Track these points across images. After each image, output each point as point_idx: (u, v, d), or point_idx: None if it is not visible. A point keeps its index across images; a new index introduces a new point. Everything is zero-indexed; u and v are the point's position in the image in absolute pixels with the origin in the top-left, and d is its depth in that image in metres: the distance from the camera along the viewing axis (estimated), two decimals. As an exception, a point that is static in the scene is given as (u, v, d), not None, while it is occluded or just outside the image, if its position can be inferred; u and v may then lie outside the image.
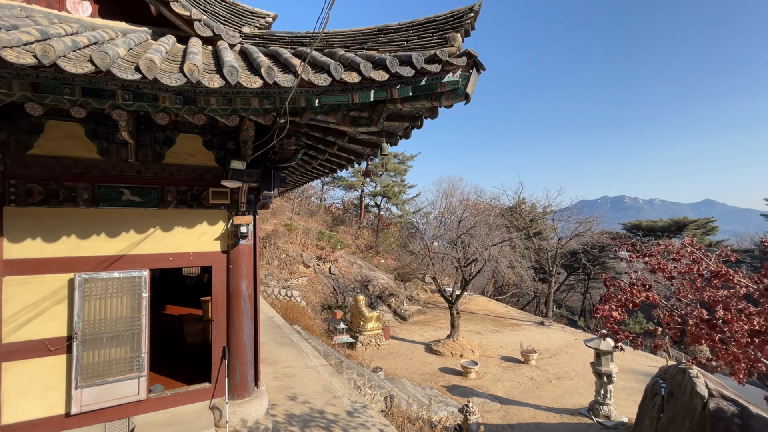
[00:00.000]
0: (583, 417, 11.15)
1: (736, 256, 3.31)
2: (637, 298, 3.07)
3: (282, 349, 9.15)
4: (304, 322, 15.43)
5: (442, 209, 23.54)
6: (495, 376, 14.33)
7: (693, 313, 2.89)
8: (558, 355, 16.77)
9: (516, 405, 12.00)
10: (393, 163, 38.61)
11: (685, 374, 6.78)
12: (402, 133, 4.66)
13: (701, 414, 6.14)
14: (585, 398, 12.18)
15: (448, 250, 18.91)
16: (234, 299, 5.43)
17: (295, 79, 3.04)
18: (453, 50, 3.42)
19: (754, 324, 2.51)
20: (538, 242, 26.59)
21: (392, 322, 21.70)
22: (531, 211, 30.04)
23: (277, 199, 29.67)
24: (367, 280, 24.96)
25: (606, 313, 3.12)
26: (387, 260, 33.34)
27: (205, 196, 5.34)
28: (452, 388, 13.18)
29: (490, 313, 24.84)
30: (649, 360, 16.22)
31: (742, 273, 2.88)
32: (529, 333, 20.34)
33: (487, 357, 16.45)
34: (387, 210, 40.78)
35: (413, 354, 16.64)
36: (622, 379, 13.17)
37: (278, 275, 21.87)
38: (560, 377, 14.33)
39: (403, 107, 3.86)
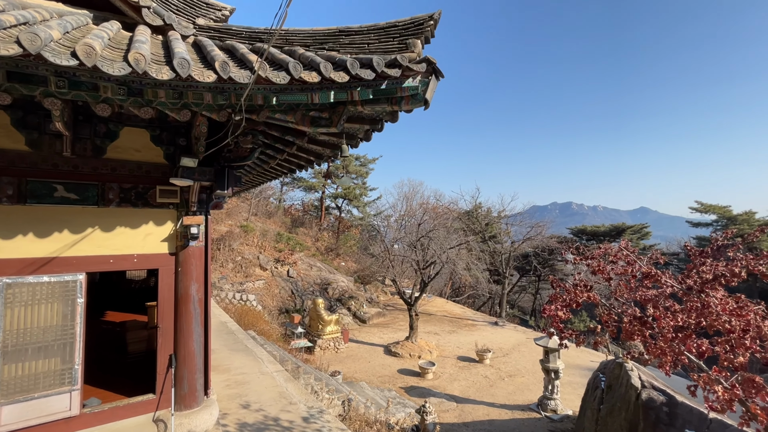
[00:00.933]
0: (533, 412, 11.71)
1: (664, 258, 3.66)
2: (580, 298, 3.29)
3: (235, 356, 8.77)
4: (259, 327, 14.92)
5: (403, 212, 23.84)
6: (451, 376, 14.68)
7: (628, 311, 3.15)
8: (510, 354, 17.51)
9: (471, 403, 12.36)
10: (354, 166, 38.53)
11: (622, 368, 7.34)
12: (363, 136, 4.66)
13: (635, 404, 6.67)
14: (535, 394, 12.80)
15: (408, 253, 19.17)
16: (183, 304, 5.13)
17: (251, 76, 2.94)
18: (413, 56, 3.47)
19: (678, 320, 2.78)
20: (493, 245, 27.68)
21: (352, 325, 21.58)
22: (487, 215, 31.23)
23: (233, 199, 28.53)
24: (326, 283, 24.65)
25: (552, 312, 3.31)
26: (347, 263, 33.13)
27: (152, 194, 5.01)
28: (410, 389, 13.33)
29: (448, 314, 25.45)
30: (592, 356, 17.37)
31: (668, 274, 3.19)
32: (484, 333, 21.07)
33: (445, 357, 16.83)
34: (348, 212, 40.60)
35: (372, 356, 16.64)
36: (568, 375, 13.98)
37: (233, 278, 21.00)
38: (512, 375, 14.96)
39: (363, 110, 3.87)
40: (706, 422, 5.78)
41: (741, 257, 3.04)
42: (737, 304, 2.69)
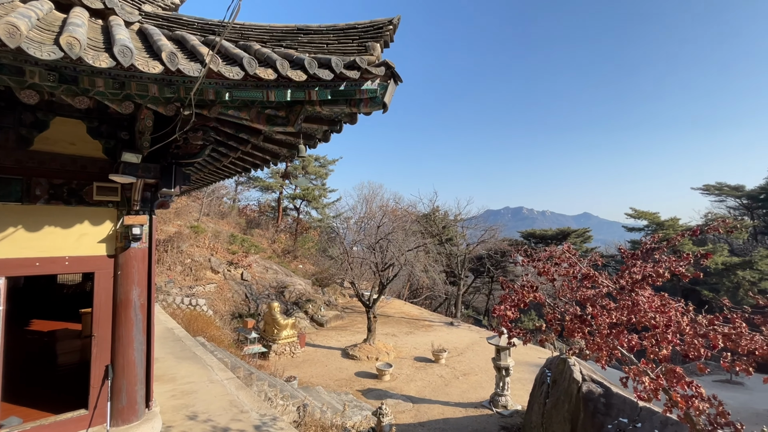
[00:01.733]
0: (485, 409, 12.13)
1: (602, 260, 3.95)
2: (527, 299, 3.47)
3: (182, 364, 8.27)
4: (210, 333, 14.20)
5: (363, 214, 23.82)
6: (408, 377, 14.85)
7: (570, 310, 3.37)
8: (465, 353, 18.05)
9: (427, 403, 12.57)
10: (314, 166, 37.97)
11: (565, 364, 7.83)
12: (321, 136, 4.60)
13: (576, 397, 7.13)
14: (487, 391, 13.28)
15: (367, 255, 19.18)
16: (122, 310, 4.76)
17: (202, 69, 2.79)
18: (372, 59, 3.49)
19: (612, 318, 3.02)
20: (449, 248, 28.44)
21: (309, 328, 21.17)
22: (444, 218, 32.05)
23: (182, 198, 27.00)
24: (283, 286, 24.01)
25: (502, 312, 3.46)
26: (305, 265, 32.51)
27: (88, 191, 4.60)
28: (367, 392, 13.30)
29: (406, 316, 25.75)
30: (540, 353, 18.34)
31: (605, 275, 3.46)
32: (440, 333, 21.55)
33: (402, 358, 16.99)
34: (307, 214, 39.88)
35: (329, 360, 16.42)
36: (518, 372, 14.65)
37: (181, 282, 19.84)
38: (466, 373, 15.42)
39: (322, 110, 3.82)
40: (637, 410, 6.31)
41: (665, 259, 3.37)
42: (661, 302, 2.98)
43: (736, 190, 50.65)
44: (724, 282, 29.97)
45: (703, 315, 2.92)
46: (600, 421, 6.64)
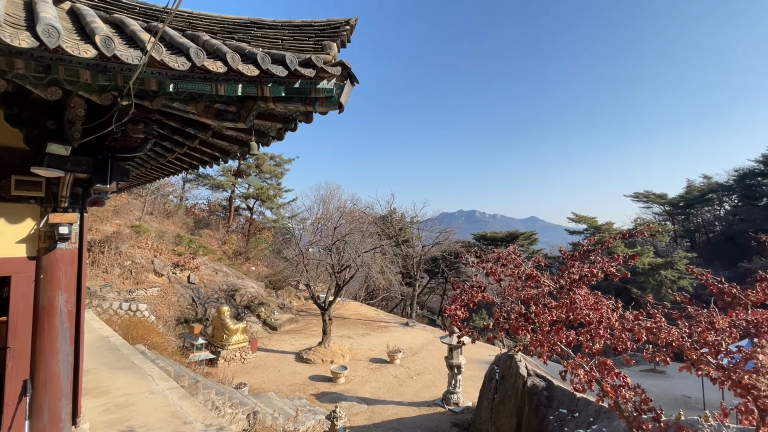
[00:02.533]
0: (438, 407, 12.41)
1: (545, 261, 4.22)
2: (476, 298, 3.62)
3: (118, 375, 7.63)
4: (151, 339, 13.24)
5: (319, 215, 23.46)
6: (363, 379, 14.82)
7: (515, 309, 3.56)
8: (419, 353, 18.36)
9: (381, 404, 12.61)
10: (269, 165, 36.83)
11: (512, 360, 8.22)
12: (275, 134, 4.46)
13: (522, 391, 7.51)
14: (440, 389, 13.60)
15: (323, 257, 18.91)
16: (45, 318, 4.28)
17: (143, 56, 2.60)
18: (329, 58, 3.45)
19: (553, 315, 3.23)
20: (405, 249, 28.85)
21: (261, 333, 20.45)
22: (401, 220, 32.47)
23: (123, 196, 25.01)
24: (234, 289, 23.01)
25: (452, 312, 3.57)
26: (258, 267, 31.42)
27: (5, 185, 4.11)
28: (321, 396, 13.10)
29: (362, 317, 25.72)
30: (490, 350, 19.11)
31: (546, 275, 3.70)
32: (395, 334, 21.76)
33: (357, 360, 16.94)
34: (260, 214, 38.55)
35: (282, 365, 15.97)
36: (469, 369, 15.14)
37: (120, 286, 18.35)
38: (420, 373, 15.69)
39: (275, 107, 3.71)
40: (575, 401, 6.77)
41: (599, 260, 3.68)
42: (595, 300, 3.24)
43: (660, 198, 56.44)
44: (649, 280, 33.14)
45: (630, 311, 3.22)
46: (543, 413, 7.04)
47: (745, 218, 46.04)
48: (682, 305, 3.42)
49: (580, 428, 6.27)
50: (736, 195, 51.43)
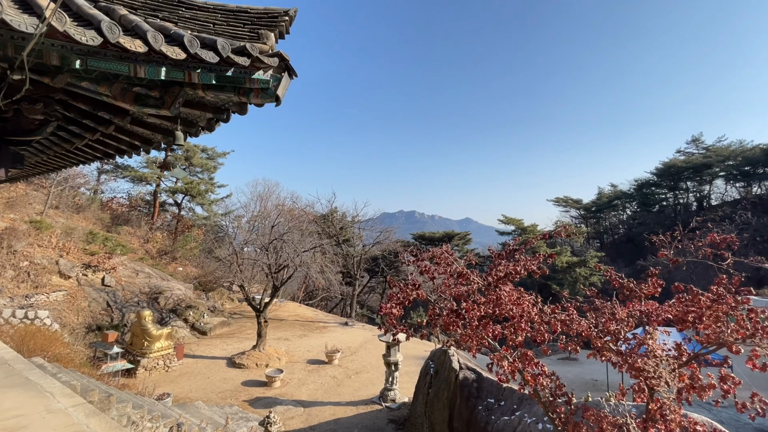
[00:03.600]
0: (376, 404, 12.52)
1: (476, 260, 4.50)
2: (411, 296, 3.71)
3: (7, 394, 6.55)
4: (53, 351, 11.62)
5: (256, 213, 22.44)
6: (300, 381, 14.47)
7: (447, 305, 3.71)
8: (358, 352, 18.39)
9: (318, 406, 12.41)
10: (200, 158, 34.37)
11: (446, 354, 8.57)
12: (204, 124, 4.16)
13: (454, 384, 7.86)
14: (378, 387, 13.73)
15: (260, 256, 18.12)
16: None
17: (40, 24, 2.25)
18: (265, 48, 3.29)
19: (481, 311, 3.43)
20: (346, 248, 28.73)
21: (189, 338, 19.01)
22: (342, 219, 32.26)
23: (20, 186, 21.70)
24: (158, 291, 21.10)
25: (388, 310, 3.62)
26: (186, 268, 29.18)
27: None
28: (255, 401, 12.53)
29: (300, 318, 25.09)
30: (427, 346, 19.76)
31: (476, 273, 3.92)
32: (334, 334, 21.56)
33: (294, 363, 16.49)
34: (190, 210, 35.82)
35: (212, 371, 15.00)
36: (407, 366, 15.50)
37: (14, 291, 15.87)
38: (359, 372, 15.72)
39: (205, 95, 3.46)
40: (502, 391, 7.26)
41: (523, 259, 3.99)
42: (518, 295, 3.50)
43: (577, 203, 63.05)
44: (567, 277, 36.71)
45: (548, 306, 3.53)
46: (473, 404, 7.44)
47: (642, 222, 53.20)
48: (591, 299, 3.84)
49: (506, 416, 6.73)
50: (636, 202, 59.23)
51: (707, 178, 51.82)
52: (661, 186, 55.95)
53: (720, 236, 3.35)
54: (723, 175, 51.31)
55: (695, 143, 54.59)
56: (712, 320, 3.01)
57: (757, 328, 2.89)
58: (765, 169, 47.45)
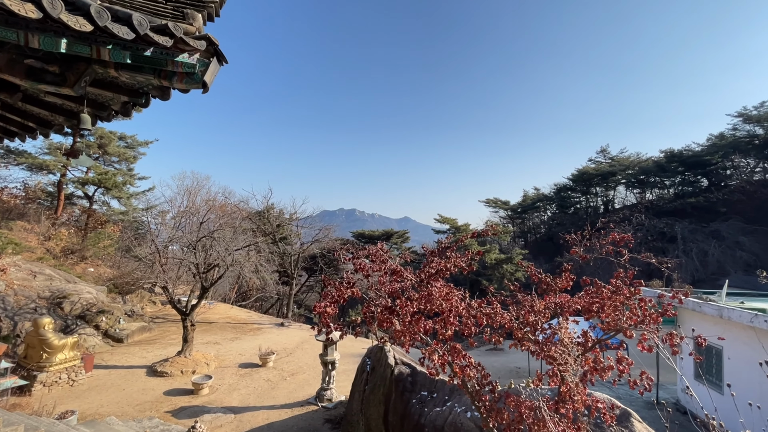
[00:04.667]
0: (312, 405, 12.30)
1: (411, 257, 4.63)
2: (345, 294, 3.70)
3: None
4: None
5: (183, 208, 20.74)
6: (231, 386, 13.70)
7: (382, 302, 3.75)
8: (294, 353, 17.92)
9: (251, 411, 11.86)
10: (117, 146, 30.90)
11: (382, 351, 8.70)
12: (119, 109, 3.73)
13: (390, 379, 8.01)
14: (315, 388, 13.50)
15: (187, 255, 16.78)
16: None
17: None
18: (191, 29, 3.03)
19: (414, 307, 3.53)
20: (283, 247, 27.78)
21: (101, 347, 17.00)
22: (279, 216, 31.12)
23: None
24: (62, 295, 18.56)
25: (322, 309, 3.57)
26: (99, 268, 26.11)
27: None
28: (179, 411, 11.61)
29: (232, 321, 23.78)
30: (365, 343, 19.87)
31: (410, 270, 4.03)
32: (269, 335, 20.78)
33: (224, 367, 15.58)
34: (104, 204, 32.04)
35: (129, 382, 13.59)
36: (344, 364, 15.44)
37: None
38: (295, 373, 15.31)
39: (120, 76, 3.10)
40: (434, 383, 7.55)
41: (453, 256, 4.19)
42: (447, 291, 3.67)
43: (505, 204, 67.99)
44: (495, 273, 39.36)
45: (474, 300, 3.75)
46: (407, 398, 7.64)
47: (560, 222, 59.03)
48: (514, 293, 4.15)
49: (438, 407, 7.01)
50: (555, 204, 65.54)
51: (612, 184, 59.03)
52: (575, 190, 62.53)
53: (619, 235, 3.82)
54: (624, 182, 58.87)
55: (603, 153, 61.79)
56: (611, 309, 3.43)
57: (646, 315, 3.36)
58: (656, 178, 55.39)
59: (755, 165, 49.16)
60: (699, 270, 36.59)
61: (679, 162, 51.39)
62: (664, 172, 53.24)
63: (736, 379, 11.01)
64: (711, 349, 12.38)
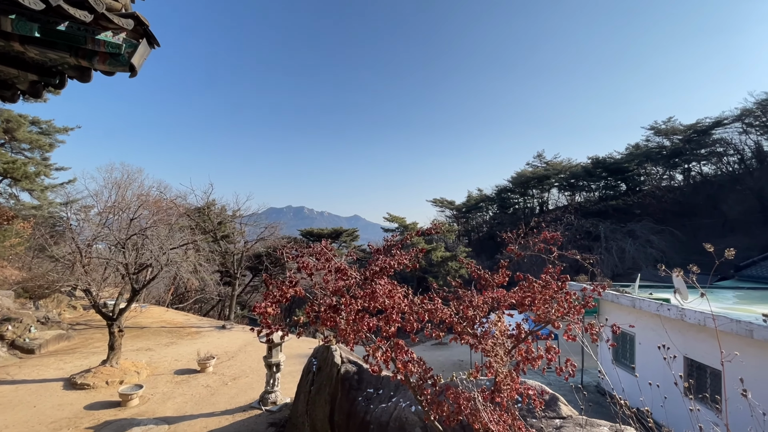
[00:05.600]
0: (255, 410, 11.84)
1: (356, 255, 4.64)
2: (288, 294, 3.60)
3: None
4: None
5: (111, 203, 18.88)
6: (165, 395, 12.76)
7: (326, 301, 3.72)
8: (237, 356, 17.14)
9: (188, 420, 11.14)
10: (28, 132, 27.31)
11: (329, 350, 8.60)
12: (26, 88, 3.30)
13: (336, 378, 7.95)
14: (258, 392, 13.01)
15: (114, 254, 15.31)
16: None
17: None
18: (117, 5, 2.77)
19: (358, 305, 3.54)
20: (225, 245, 26.38)
21: (7, 359, 15.00)
22: (221, 213, 29.49)
23: None
24: (-47, 302, 16.05)
25: (262, 309, 3.44)
26: (5, 270, 22.98)
27: None
28: (103, 427, 10.57)
29: (167, 325, 22.16)
30: (312, 343, 19.54)
31: (355, 268, 4.04)
32: (209, 339, 19.69)
33: (158, 375, 14.47)
34: (11, 197, 28.18)
35: (42, 398, 12.11)
36: (290, 365, 15.05)
37: None
38: (237, 377, 14.65)
39: (27, 51, 2.73)
40: (380, 380, 7.62)
41: (398, 254, 4.27)
42: (390, 288, 3.73)
43: (450, 204, 70.68)
44: (441, 270, 40.74)
45: (417, 296, 3.86)
46: (353, 396, 7.63)
47: (500, 222, 62.62)
48: (456, 289, 4.33)
49: (383, 403, 7.09)
50: (496, 204, 69.48)
51: (546, 187, 63.87)
52: (515, 192, 66.78)
53: (550, 234, 4.14)
54: (557, 185, 63.96)
55: (539, 158, 66.58)
56: (541, 303, 3.71)
57: (571, 307, 3.68)
58: (584, 182, 60.87)
59: (663, 172, 55.96)
60: (618, 265, 40.81)
61: (603, 168, 56.90)
62: (591, 176, 58.70)
63: (645, 361, 12.46)
64: (626, 336, 13.87)
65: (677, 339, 10.70)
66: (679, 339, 10.75)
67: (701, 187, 50.05)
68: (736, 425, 3.02)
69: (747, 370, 8.45)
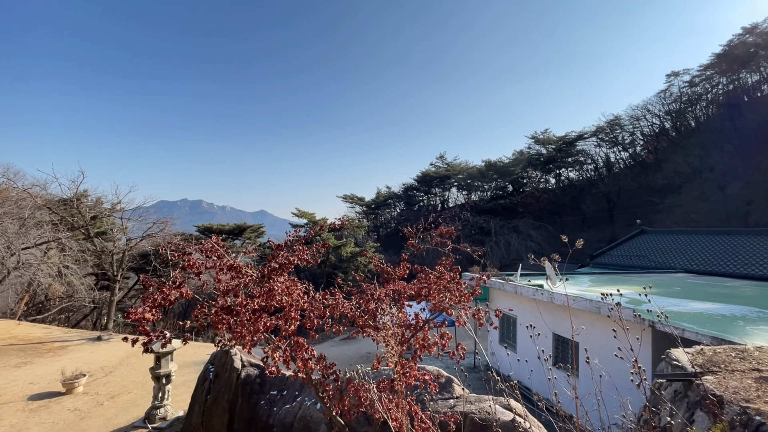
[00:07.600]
0: (140, 428, 10.46)
1: (254, 252, 4.42)
2: (172, 296, 3.24)
3: None
4: None
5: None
6: (14, 428, 10.46)
7: (219, 302, 3.45)
8: (116, 371, 14.90)
9: (45, 454, 9.32)
10: None
11: (227, 355, 8.02)
12: None
13: (236, 384, 7.46)
14: (144, 409, 11.51)
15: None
16: None
17: None
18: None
19: (256, 304, 3.37)
20: (101, 244, 22.59)
21: None
22: (95, 206, 25.15)
23: None
24: None
25: (139, 315, 3.03)
26: None
27: None
28: None
29: (19, 341, 18.16)
30: (210, 349, 17.96)
31: (250, 265, 3.83)
32: (79, 354, 16.74)
33: (5, 404, 11.78)
34: None
35: None
36: (183, 375, 13.65)
37: None
38: (116, 395, 12.74)
39: None
40: (284, 381, 7.39)
41: (300, 249, 4.18)
42: (289, 285, 3.64)
43: (360, 200, 71.93)
44: (350, 266, 41.16)
45: (319, 292, 3.83)
46: (255, 400, 7.25)
47: (407, 218, 65.93)
48: (359, 283, 4.40)
49: (288, 404, 6.88)
50: (403, 201, 72.99)
51: (447, 186, 69.35)
52: (420, 190, 71.08)
53: (445, 229, 4.49)
54: (456, 185, 69.89)
55: (441, 159, 71.85)
56: (437, 293, 4.00)
57: (461, 295, 4.05)
58: (478, 182, 67.67)
59: (541, 176, 65.32)
60: (505, 256, 46.30)
61: (494, 170, 64.00)
62: (485, 178, 65.55)
63: (524, 339, 14.38)
64: (510, 319, 15.82)
65: (548, 318, 12.58)
66: (549, 318, 12.64)
67: (568, 189, 60.15)
68: (584, 386, 3.68)
69: (598, 340, 10.37)
